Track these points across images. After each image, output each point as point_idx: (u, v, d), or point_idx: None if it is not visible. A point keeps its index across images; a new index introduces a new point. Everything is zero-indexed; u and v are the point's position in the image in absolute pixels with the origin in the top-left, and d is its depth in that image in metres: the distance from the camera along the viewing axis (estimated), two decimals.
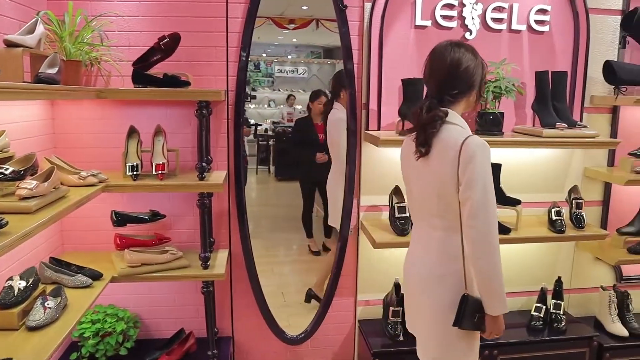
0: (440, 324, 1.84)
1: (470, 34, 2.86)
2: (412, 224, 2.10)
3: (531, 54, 2.95)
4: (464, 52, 1.79)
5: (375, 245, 2.62)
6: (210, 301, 2.64)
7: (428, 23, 2.81)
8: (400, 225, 2.69)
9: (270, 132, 4.23)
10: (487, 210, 1.66)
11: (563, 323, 2.98)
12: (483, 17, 2.85)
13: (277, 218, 3.87)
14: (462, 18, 2.83)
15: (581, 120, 3.01)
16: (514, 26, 2.89)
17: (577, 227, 2.88)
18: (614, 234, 3.08)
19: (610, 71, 2.88)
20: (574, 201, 2.93)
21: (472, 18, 2.83)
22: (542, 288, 3.09)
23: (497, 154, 2.93)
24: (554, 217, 2.84)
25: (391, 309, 2.81)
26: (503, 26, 2.89)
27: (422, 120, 1.76)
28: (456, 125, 1.77)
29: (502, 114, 2.76)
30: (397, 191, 2.82)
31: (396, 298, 2.82)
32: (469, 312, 1.76)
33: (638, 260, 2.93)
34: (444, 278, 1.82)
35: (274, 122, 4.17)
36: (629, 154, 3.00)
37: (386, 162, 2.90)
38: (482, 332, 1.82)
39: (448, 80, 1.79)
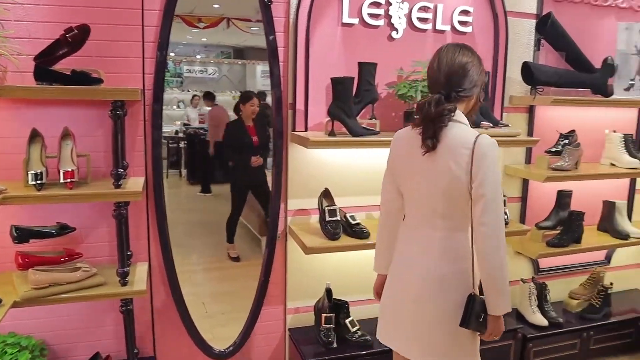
0: (446, 326, 1.79)
1: (397, 32, 2.83)
2: (385, 226, 2.03)
3: None
4: (472, 56, 1.81)
5: (307, 251, 2.52)
6: (129, 320, 2.41)
7: (355, 21, 2.74)
8: (332, 229, 2.60)
9: (181, 134, 4.03)
10: (498, 208, 1.69)
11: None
12: (409, 16, 2.83)
13: (193, 224, 3.68)
14: (388, 17, 2.79)
15: (501, 120, 3.08)
16: (439, 26, 2.90)
17: None
18: (533, 228, 3.20)
19: (528, 72, 2.97)
20: None
21: (399, 17, 2.80)
22: None
23: None
24: None
25: (323, 315, 2.72)
26: (428, 26, 2.89)
27: (430, 114, 1.72)
28: (462, 123, 1.78)
29: None
30: (326, 194, 2.74)
31: (328, 304, 2.74)
32: (476, 312, 1.73)
33: (556, 253, 3.06)
34: (447, 278, 1.79)
35: (183, 124, 3.97)
36: (546, 151, 3.13)
37: (315, 163, 2.81)
38: (482, 333, 1.80)
39: (456, 78, 1.77)
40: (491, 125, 2.79)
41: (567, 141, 3.11)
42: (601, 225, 3.37)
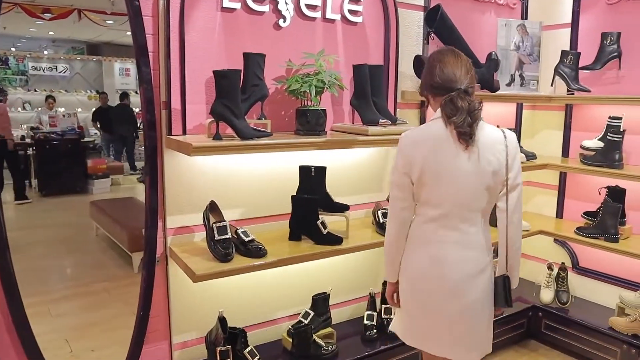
0: (487, 314, 1.94)
1: (285, 21, 2.51)
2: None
3: (345, 45, 2.74)
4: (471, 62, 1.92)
5: (195, 279, 2.10)
6: None
7: (237, 5, 2.37)
8: (222, 249, 2.22)
9: (28, 140, 3.38)
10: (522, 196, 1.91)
11: None
12: (297, 3, 2.53)
13: (48, 242, 3.10)
14: (274, 2, 2.47)
15: (395, 116, 2.91)
16: (329, 15, 2.64)
17: None
18: None
19: (421, 66, 2.83)
20: None
21: (286, 3, 2.48)
22: (369, 294, 2.94)
23: (319, 156, 2.66)
24: (381, 220, 2.68)
25: (218, 349, 2.31)
26: (318, 14, 2.61)
27: (464, 108, 1.77)
28: (482, 120, 1.86)
29: (324, 111, 2.49)
30: (213, 208, 2.34)
31: (223, 335, 2.34)
32: (509, 290, 1.93)
33: None
34: (485, 270, 1.91)
35: (32, 128, 3.33)
36: None
37: (196, 172, 2.40)
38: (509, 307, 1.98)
39: (473, 79, 1.87)
40: (389, 122, 2.59)
41: None
42: (491, 219, 3.35)
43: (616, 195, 3.13)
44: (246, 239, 2.31)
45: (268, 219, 2.65)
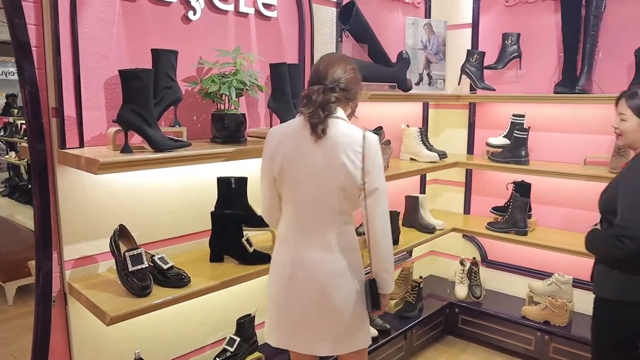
0: (351, 314, 1.87)
1: (194, 13, 2.21)
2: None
3: (260, 42, 2.50)
4: (354, 67, 1.89)
5: (110, 321, 1.74)
6: None
7: None
8: (139, 281, 1.87)
9: None
10: (386, 198, 1.83)
11: None
12: None
13: None
14: None
15: None
16: (242, 8, 2.38)
17: None
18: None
19: None
20: None
21: None
22: None
23: (238, 166, 2.39)
24: None
25: None
26: (230, 7, 2.34)
27: (317, 101, 1.76)
28: (344, 120, 1.83)
29: (244, 115, 2.23)
30: (122, 233, 1.99)
31: None
32: (375, 295, 1.89)
33: None
34: (347, 271, 1.86)
35: None
36: None
37: (99, 191, 2.03)
38: (378, 310, 1.94)
39: (338, 75, 1.81)
40: None
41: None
42: (406, 220, 3.32)
43: (522, 190, 3.24)
44: (165, 267, 1.99)
45: (185, 239, 2.33)
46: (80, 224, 1.99)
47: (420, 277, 3.37)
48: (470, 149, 3.60)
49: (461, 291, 3.49)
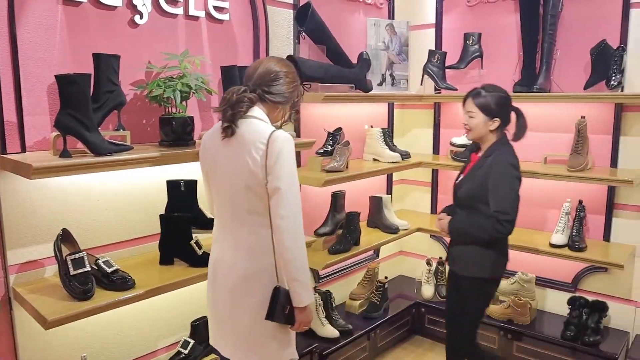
0: (260, 321, 1.78)
1: (141, 17, 2.22)
2: None
3: (212, 45, 2.51)
4: (289, 70, 1.87)
5: (48, 325, 1.74)
6: None
7: None
8: (80, 285, 1.88)
9: None
10: (295, 201, 1.73)
11: None
12: None
13: None
14: None
15: None
16: (192, 11, 2.39)
17: None
18: (312, 237, 2.97)
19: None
20: None
21: None
22: None
23: (188, 168, 2.40)
24: None
25: None
26: (179, 10, 2.35)
27: (230, 100, 1.76)
28: (261, 120, 1.80)
29: (191, 119, 2.24)
30: (66, 237, 2.00)
31: None
32: (281, 305, 1.77)
33: (341, 260, 2.86)
34: (258, 275, 1.80)
35: None
36: (317, 152, 2.91)
37: (43, 195, 2.04)
38: (291, 325, 1.82)
39: (266, 78, 1.81)
40: None
41: (335, 140, 2.95)
42: (370, 221, 3.33)
43: None
44: (109, 270, 1.99)
45: (135, 242, 2.34)
46: (26, 228, 2.00)
47: (386, 278, 3.39)
48: (436, 149, 3.62)
49: (427, 291, 3.50)
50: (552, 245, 2.94)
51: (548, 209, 3.18)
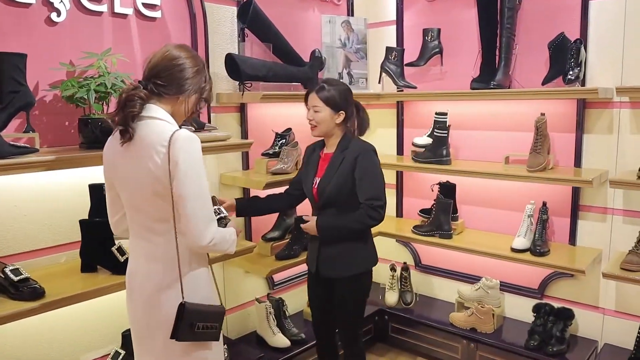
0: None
1: (59, 15, 2.13)
2: None
3: (143, 44, 2.42)
4: (188, 56, 1.69)
5: None
6: None
7: None
8: None
9: None
10: (197, 210, 1.58)
11: (226, 355, 2.59)
12: None
13: None
14: None
15: (209, 122, 2.64)
16: (118, 9, 2.30)
17: None
18: (260, 242, 2.86)
19: (234, 65, 2.59)
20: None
21: None
22: None
23: None
24: None
25: None
26: (104, 8, 2.26)
27: (121, 100, 1.60)
28: (162, 120, 1.63)
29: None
30: None
31: None
32: (187, 323, 1.61)
33: (289, 265, 2.75)
34: (172, 287, 1.66)
35: None
36: (263, 154, 2.81)
37: None
38: (205, 340, 1.69)
39: (159, 70, 1.65)
40: (194, 129, 2.31)
41: (284, 141, 2.84)
42: None
43: (448, 190, 3.12)
44: (16, 279, 1.90)
45: (59, 249, 2.24)
46: None
47: None
48: (400, 150, 3.49)
49: (391, 297, 3.36)
50: (514, 250, 2.79)
51: (512, 211, 3.03)
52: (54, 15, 2.12)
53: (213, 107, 2.68)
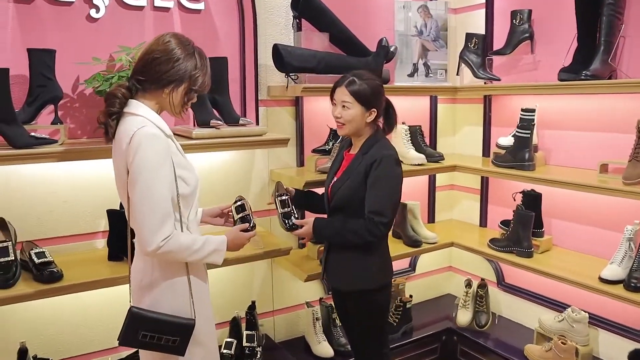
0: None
1: (97, 11, 2.21)
2: None
3: (188, 36, 2.40)
4: (178, 45, 1.61)
5: None
6: None
7: None
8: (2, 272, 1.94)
9: None
10: (152, 209, 1.49)
11: (258, 356, 2.51)
12: None
13: None
14: None
15: (257, 115, 2.56)
16: (158, 2, 2.31)
17: None
18: (308, 244, 2.71)
19: (279, 57, 2.46)
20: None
21: None
22: (234, 318, 2.60)
23: None
24: None
25: None
26: (144, 2, 2.29)
27: (104, 98, 1.59)
28: (139, 116, 1.56)
29: None
30: (2, 226, 2.06)
31: None
32: (133, 330, 1.56)
33: None
34: (148, 289, 1.63)
35: None
36: (313, 151, 2.66)
37: None
38: (165, 352, 1.61)
39: (142, 64, 1.60)
40: (221, 123, 2.25)
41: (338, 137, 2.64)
42: (395, 231, 2.93)
43: (531, 200, 2.66)
44: (37, 261, 2.02)
45: (92, 237, 2.34)
46: None
47: (410, 296, 2.96)
48: (486, 151, 3.05)
49: (464, 317, 2.98)
50: (602, 280, 2.26)
51: (609, 230, 2.47)
52: (93, 12, 2.20)
53: (263, 100, 2.59)
